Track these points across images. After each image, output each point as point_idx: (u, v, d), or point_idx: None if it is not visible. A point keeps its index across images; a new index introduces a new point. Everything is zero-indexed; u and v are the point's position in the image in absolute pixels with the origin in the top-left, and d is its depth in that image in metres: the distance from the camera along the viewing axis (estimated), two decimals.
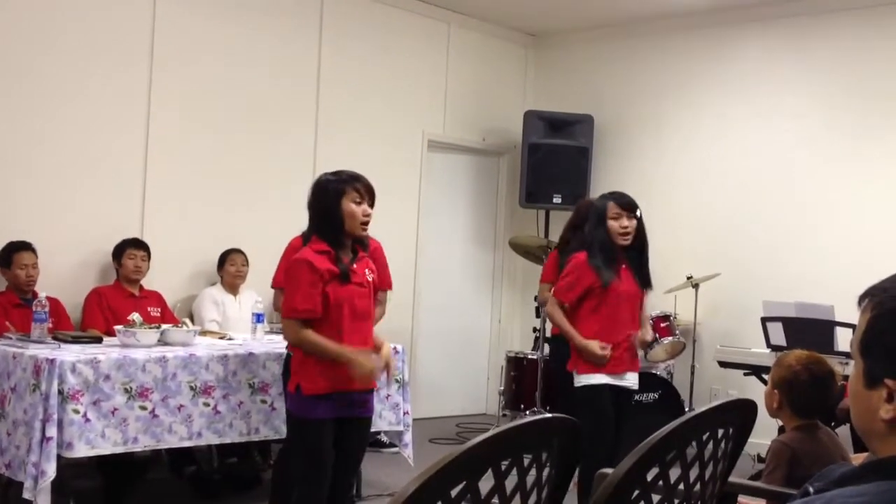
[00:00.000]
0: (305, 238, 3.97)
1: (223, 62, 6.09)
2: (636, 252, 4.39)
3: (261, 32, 6.29)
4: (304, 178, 6.50)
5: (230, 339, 5.06)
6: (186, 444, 4.39)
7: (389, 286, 4.65)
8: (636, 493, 1.70)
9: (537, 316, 6.68)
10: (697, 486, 1.99)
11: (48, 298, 4.91)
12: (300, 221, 6.48)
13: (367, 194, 3.61)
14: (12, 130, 5.26)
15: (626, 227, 4.29)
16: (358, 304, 3.57)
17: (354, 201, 3.57)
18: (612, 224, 4.29)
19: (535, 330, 6.84)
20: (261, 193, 6.30)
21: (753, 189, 6.75)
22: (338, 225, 3.55)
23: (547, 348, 6.53)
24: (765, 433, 3.12)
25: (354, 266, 3.58)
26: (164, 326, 4.70)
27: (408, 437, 5.17)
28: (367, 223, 3.59)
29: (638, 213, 4.35)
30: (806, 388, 2.88)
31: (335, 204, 3.56)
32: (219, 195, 6.09)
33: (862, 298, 1.24)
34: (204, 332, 5.13)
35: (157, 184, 5.81)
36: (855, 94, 6.37)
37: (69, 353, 4.08)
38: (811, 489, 1.24)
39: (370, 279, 3.63)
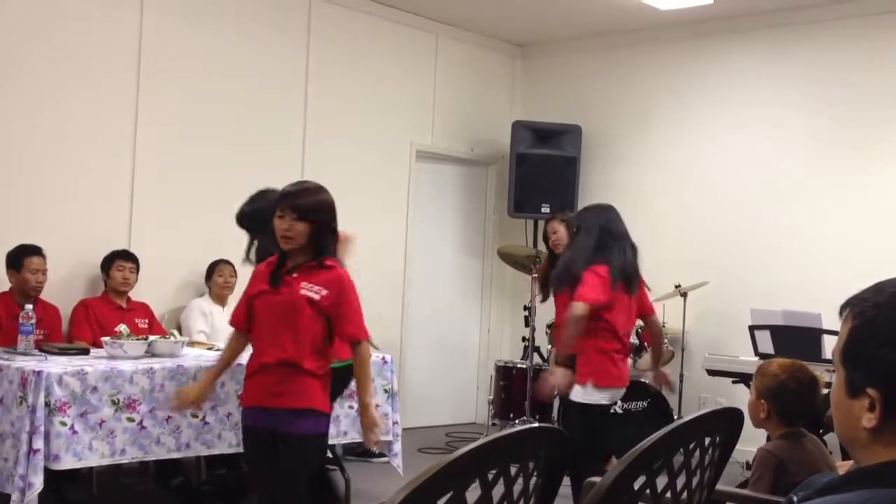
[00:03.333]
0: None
1: (211, 73, 6.09)
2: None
3: (248, 43, 6.29)
4: None
5: (218, 350, 5.04)
6: (175, 455, 4.37)
7: None
8: (624, 501, 1.70)
9: (526, 325, 6.69)
10: (685, 495, 2.00)
11: (45, 304, 4.90)
12: None
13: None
14: None
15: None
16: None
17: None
18: None
19: (524, 339, 6.84)
20: None
21: (741, 197, 6.78)
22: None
23: (537, 358, 6.53)
24: (754, 441, 3.13)
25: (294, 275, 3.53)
26: (151, 338, 4.68)
27: (397, 447, 5.17)
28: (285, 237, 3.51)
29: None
30: (793, 396, 2.90)
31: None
32: (206, 206, 6.07)
33: (843, 308, 1.25)
34: (192, 344, 5.11)
35: (145, 195, 5.79)
36: (840, 102, 6.41)
37: (56, 366, 4.07)
38: (795, 499, 1.25)
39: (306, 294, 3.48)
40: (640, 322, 6.39)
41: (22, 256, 4.94)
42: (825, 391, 3.07)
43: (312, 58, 6.62)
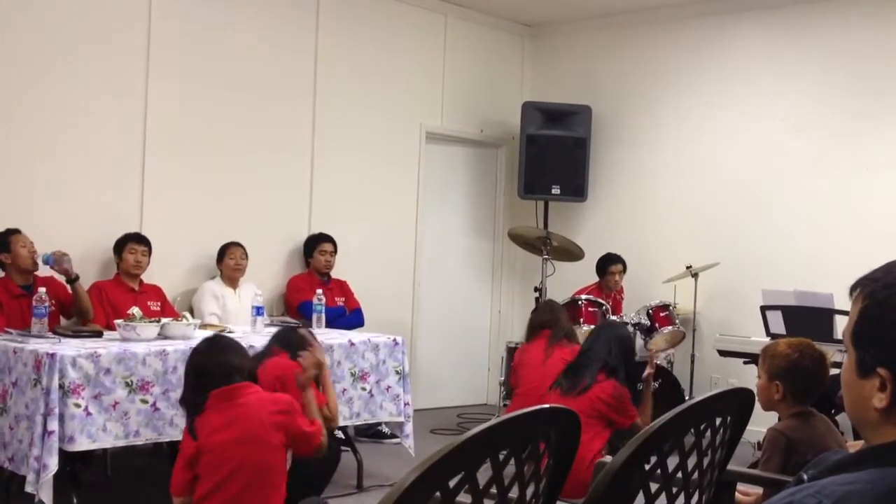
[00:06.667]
0: None
1: (220, 56, 6.08)
2: None
3: (258, 24, 6.28)
4: (302, 171, 6.55)
5: (230, 332, 5.07)
6: None
7: None
8: (635, 481, 1.71)
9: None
10: (695, 475, 2.00)
11: (44, 278, 4.93)
12: (298, 215, 6.53)
13: None
14: (8, 125, 5.26)
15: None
16: None
17: None
18: None
19: None
20: (259, 187, 6.30)
21: (752, 177, 6.75)
22: None
23: None
24: (764, 421, 3.13)
25: None
26: (163, 320, 4.71)
27: (409, 428, 5.19)
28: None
29: None
30: (808, 373, 2.89)
31: None
32: (217, 189, 6.09)
33: (853, 288, 1.24)
34: (204, 326, 5.14)
35: (156, 178, 5.80)
36: (853, 81, 6.36)
37: (69, 348, 4.10)
38: (805, 477, 1.25)
39: None
40: (650, 303, 6.42)
41: (6, 237, 4.94)
42: (834, 371, 3.07)
43: (321, 39, 6.61)
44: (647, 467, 1.73)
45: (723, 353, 5.86)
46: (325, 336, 5.16)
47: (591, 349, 4.63)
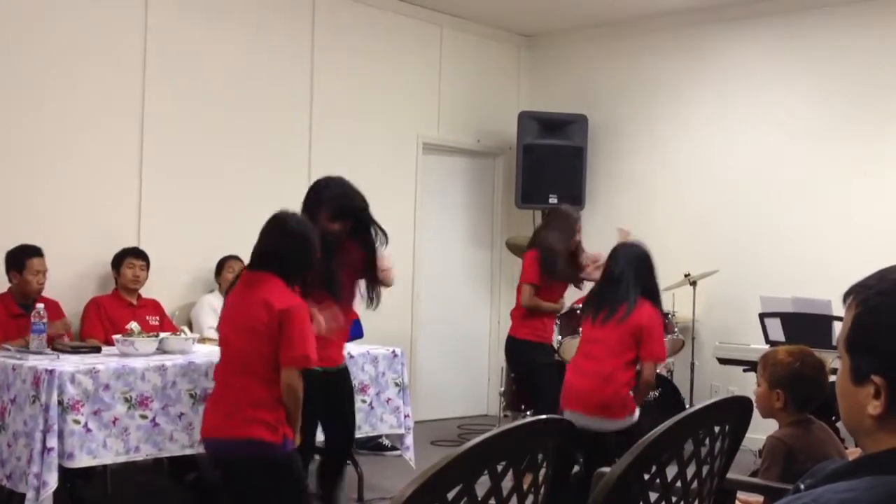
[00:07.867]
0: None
1: (216, 69, 6.10)
2: None
3: (253, 38, 6.29)
4: (300, 183, 6.52)
5: None
6: (188, 451, 4.38)
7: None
8: (634, 491, 1.71)
9: None
10: (695, 484, 2.00)
11: (46, 299, 4.91)
12: None
13: None
14: (4, 141, 5.26)
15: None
16: None
17: None
18: None
19: None
20: (257, 200, 6.29)
21: (749, 185, 6.76)
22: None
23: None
24: (766, 429, 3.12)
25: None
26: (162, 335, 4.70)
27: (409, 440, 5.18)
28: None
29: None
30: (810, 381, 2.89)
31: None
32: (215, 202, 6.09)
33: (847, 296, 1.25)
34: (202, 340, 5.13)
35: (153, 192, 5.81)
36: (846, 88, 6.38)
37: (68, 364, 4.09)
38: (802, 486, 1.25)
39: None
40: None
41: (23, 258, 4.93)
42: (833, 378, 3.06)
43: (317, 51, 6.63)
44: (646, 477, 1.73)
45: (722, 361, 5.86)
46: None
47: (621, 273, 4.34)
